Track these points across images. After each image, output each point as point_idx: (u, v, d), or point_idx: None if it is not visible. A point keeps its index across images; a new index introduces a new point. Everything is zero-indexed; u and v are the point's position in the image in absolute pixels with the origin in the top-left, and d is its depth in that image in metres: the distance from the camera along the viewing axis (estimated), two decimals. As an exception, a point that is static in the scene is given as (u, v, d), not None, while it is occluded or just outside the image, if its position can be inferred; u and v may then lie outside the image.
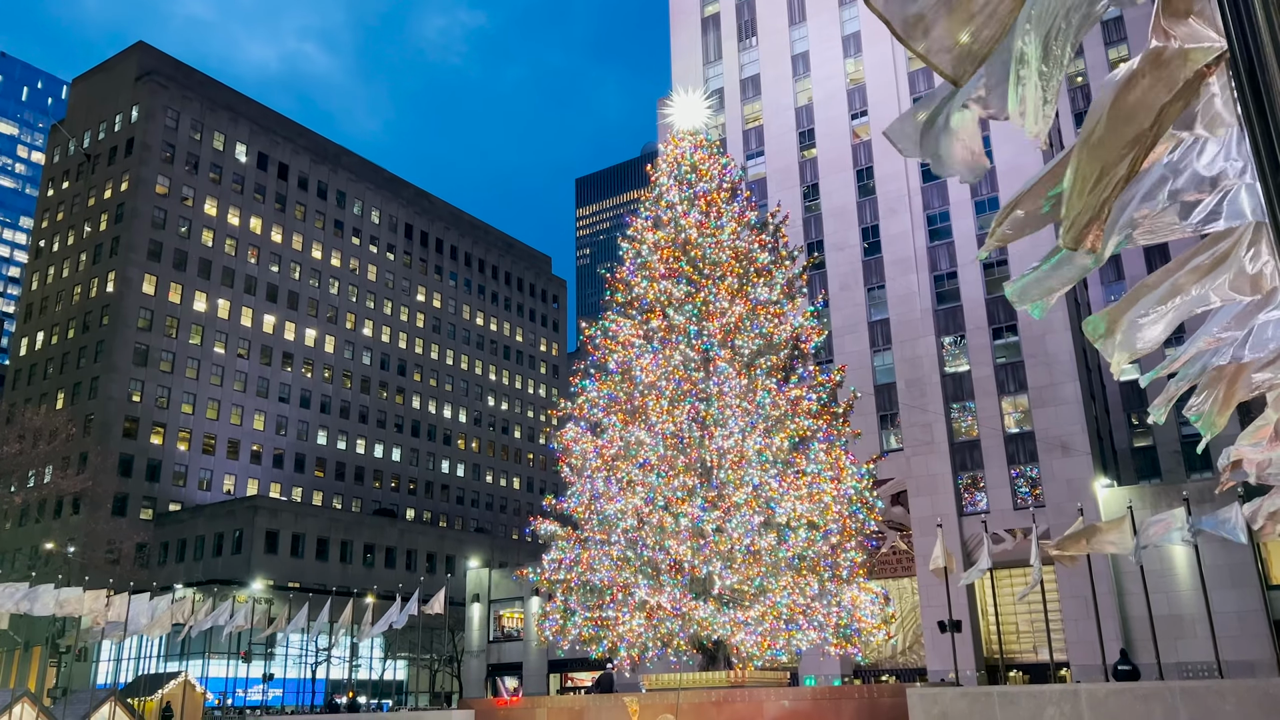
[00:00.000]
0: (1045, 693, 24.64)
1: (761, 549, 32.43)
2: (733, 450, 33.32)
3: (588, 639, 34.60)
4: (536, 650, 55.26)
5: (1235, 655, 31.65)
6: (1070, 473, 41.24)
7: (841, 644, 33.34)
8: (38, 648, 57.67)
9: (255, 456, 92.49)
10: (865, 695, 29.43)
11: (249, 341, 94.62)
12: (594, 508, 35.19)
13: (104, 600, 41.13)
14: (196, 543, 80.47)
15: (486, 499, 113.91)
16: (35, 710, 41.06)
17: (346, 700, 52.82)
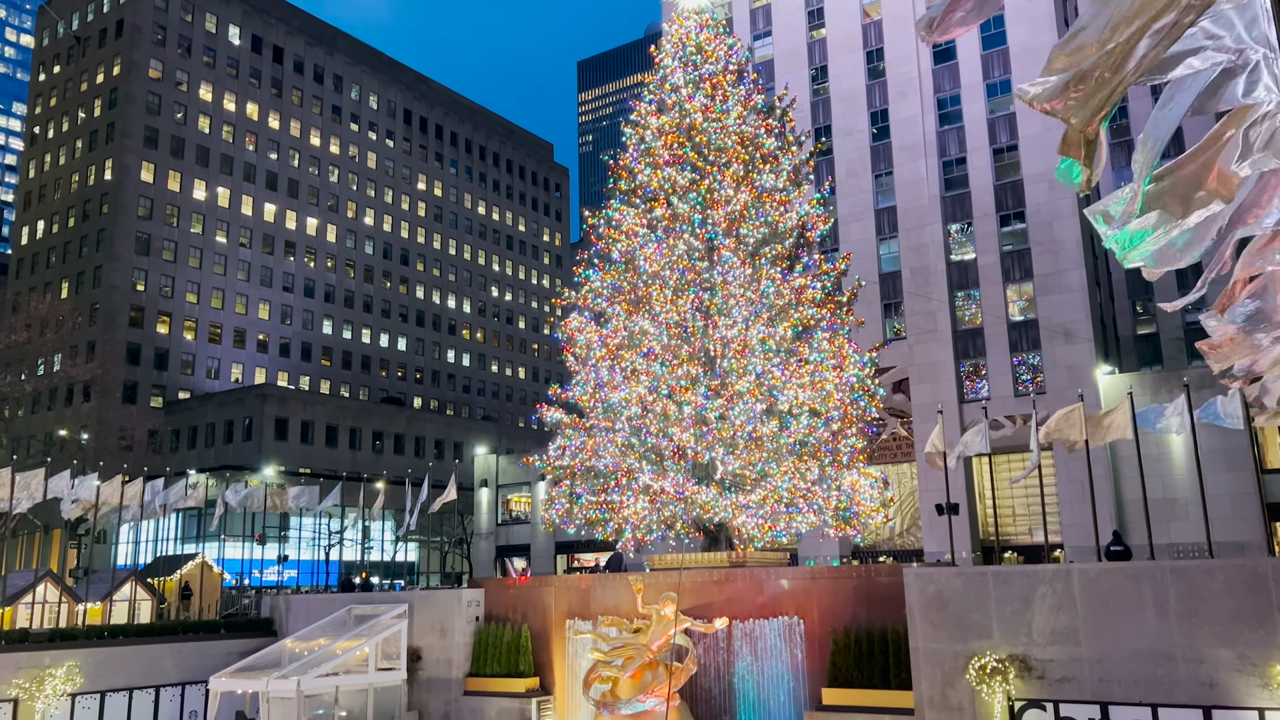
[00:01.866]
0: (1038, 572, 25.34)
1: (763, 435, 32.93)
2: (736, 339, 33.48)
3: (593, 522, 35.49)
4: (544, 533, 56.66)
5: (1226, 536, 32.42)
6: (1072, 360, 41.45)
7: (840, 526, 34.19)
8: (57, 530, 59.28)
9: (261, 346, 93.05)
10: (863, 575, 30.29)
11: (250, 230, 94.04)
12: (598, 396, 35.60)
13: (120, 486, 42.06)
14: (207, 430, 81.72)
15: (492, 388, 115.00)
16: (58, 589, 42.46)
17: (360, 581, 54.50)
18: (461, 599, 36.31)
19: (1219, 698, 22.34)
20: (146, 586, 44.97)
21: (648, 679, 29.24)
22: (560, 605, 34.82)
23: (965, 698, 25.32)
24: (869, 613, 28.56)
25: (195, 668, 36.68)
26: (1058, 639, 24.37)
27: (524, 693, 33.80)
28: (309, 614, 39.34)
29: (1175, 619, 23.11)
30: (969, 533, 40.77)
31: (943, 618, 26.05)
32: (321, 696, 32.70)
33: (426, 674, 35.75)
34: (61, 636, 35.52)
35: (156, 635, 38.09)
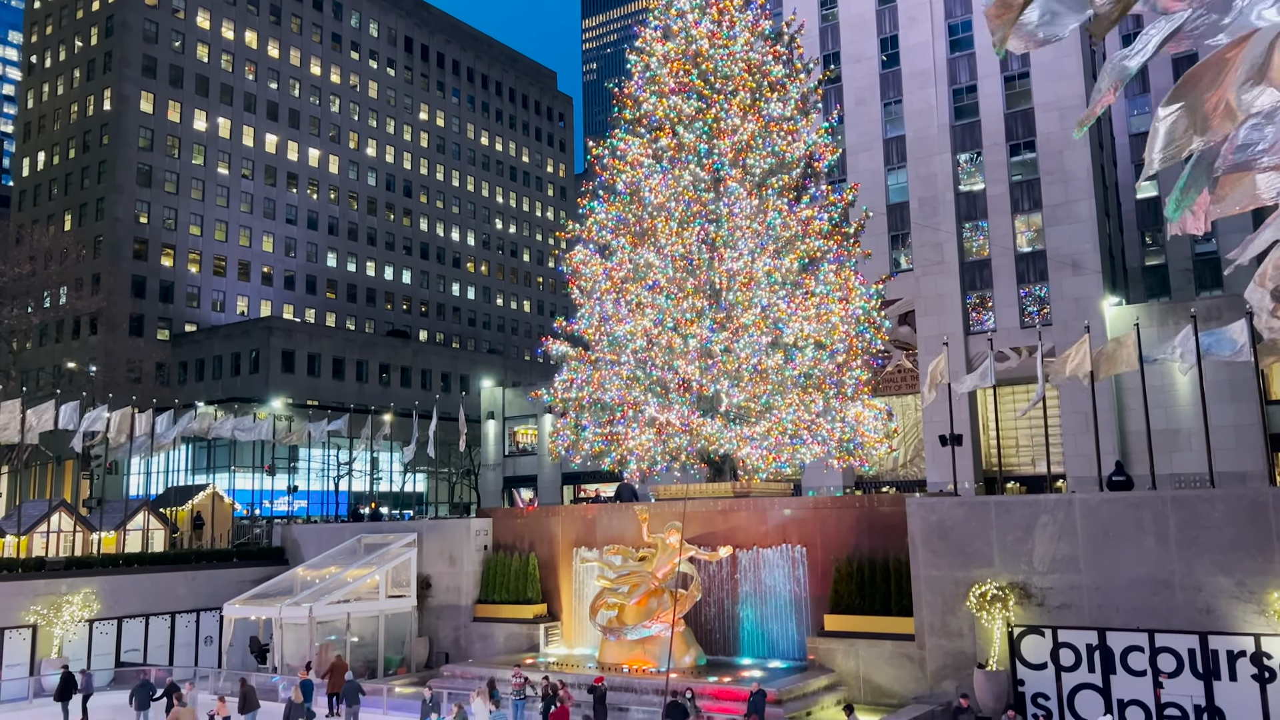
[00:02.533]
0: (1040, 502, 25.58)
1: (768, 368, 32.99)
2: (742, 272, 33.33)
3: (599, 453, 35.78)
4: (550, 464, 57.20)
5: (1229, 467, 32.64)
6: (1079, 291, 41.26)
7: (844, 457, 34.43)
8: (69, 461, 59.94)
9: (266, 278, 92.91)
10: (865, 504, 30.62)
11: (252, 162, 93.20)
12: (604, 329, 35.60)
13: (130, 418, 42.39)
14: (214, 362, 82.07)
15: (498, 321, 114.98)
16: (72, 519, 43.10)
17: (369, 511, 55.18)
18: (470, 528, 36.82)
19: (1215, 624, 22.71)
20: (159, 516, 45.63)
21: (653, 605, 29.79)
22: (567, 534, 35.31)
23: (965, 624, 25.77)
24: (871, 542, 28.93)
25: (209, 595, 37.40)
26: (1058, 567, 24.70)
27: (532, 619, 34.48)
28: (319, 543, 39.96)
29: (1175, 547, 23.38)
30: (972, 464, 41.05)
31: (944, 546, 26.38)
32: (334, 623, 33.39)
33: (436, 601, 36.42)
34: (77, 565, 36.16)
35: (170, 563, 38.77)
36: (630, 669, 28.88)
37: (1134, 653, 23.45)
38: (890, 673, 27.06)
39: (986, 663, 24.95)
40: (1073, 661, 24.21)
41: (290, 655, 31.93)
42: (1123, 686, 23.47)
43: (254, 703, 26.09)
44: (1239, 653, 22.32)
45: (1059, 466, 39.34)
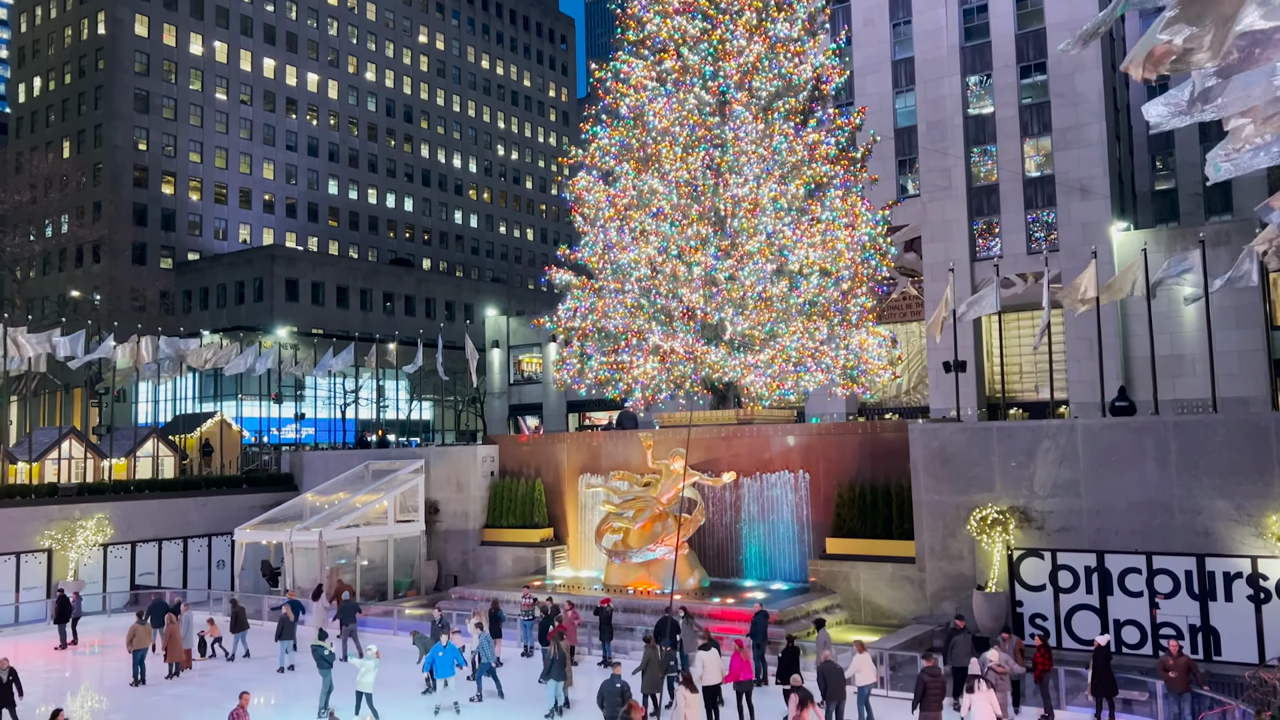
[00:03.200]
0: (1042, 427, 25.72)
1: (773, 295, 32.89)
2: (747, 198, 33.01)
3: (604, 381, 35.92)
4: (555, 392, 57.45)
5: (1232, 393, 32.71)
6: (1087, 216, 40.87)
7: (848, 385, 34.55)
8: (77, 389, 60.33)
9: (268, 206, 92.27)
10: (868, 431, 30.81)
11: (250, 87, 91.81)
12: (608, 257, 35.42)
13: (136, 345, 42.55)
14: (218, 291, 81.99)
15: (501, 249, 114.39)
16: (83, 446, 43.57)
17: (376, 438, 55.69)
18: (476, 455, 37.19)
19: (1213, 546, 23.02)
20: (168, 443, 46.10)
21: (657, 529, 30.23)
22: (572, 461, 35.66)
23: (965, 547, 26.14)
24: (873, 467, 29.20)
25: (220, 520, 38.00)
26: (1058, 491, 24.95)
27: (539, 542, 35.03)
28: (327, 470, 40.42)
29: (1175, 471, 23.58)
30: (975, 390, 41.18)
31: (946, 471, 26.62)
32: (343, 547, 33.94)
33: (444, 526, 36.97)
34: (90, 491, 36.68)
35: (181, 490, 39.31)
36: (635, 591, 29.43)
37: (1131, 574, 23.82)
38: (890, 594, 27.56)
39: (986, 584, 25.37)
40: (1071, 583, 24.61)
41: (301, 578, 32.54)
42: (1119, 607, 23.89)
43: (244, 623, 26.79)
44: (1235, 574, 22.66)
45: (1062, 393, 39.45)
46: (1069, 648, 23.99)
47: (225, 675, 25.08)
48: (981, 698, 16.48)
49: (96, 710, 23.32)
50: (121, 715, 22.55)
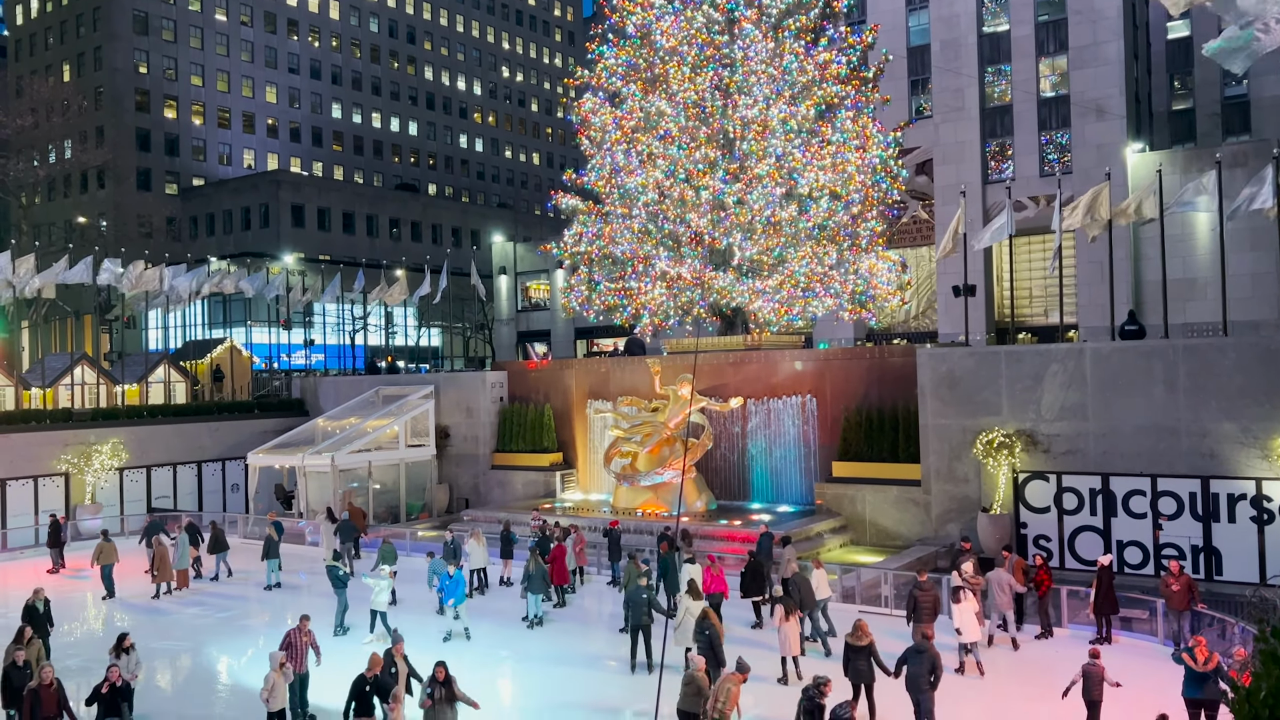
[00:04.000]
0: (1050, 351, 25.70)
1: (782, 220, 32.59)
2: (756, 120, 32.50)
3: (611, 307, 35.88)
4: (563, 319, 57.43)
5: (1244, 316, 32.52)
6: (1102, 137, 40.17)
7: (856, 310, 34.45)
8: (88, 316, 60.49)
9: (272, 130, 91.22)
10: (876, 356, 30.83)
11: (250, 8, 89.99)
12: (614, 182, 35.05)
13: (142, 269, 42.53)
14: (224, 217, 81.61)
15: (507, 174, 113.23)
16: (95, 371, 43.87)
17: (386, 364, 55.90)
18: (485, 381, 37.40)
19: (1218, 468, 23.16)
20: (179, 369, 46.38)
21: (665, 454, 30.52)
22: (581, 387, 35.84)
23: (971, 470, 26.35)
24: (881, 392, 29.29)
25: (232, 445, 38.45)
26: (1065, 415, 25.04)
27: (548, 466, 35.42)
28: (338, 395, 40.73)
29: (1183, 395, 23.60)
30: (984, 314, 41.02)
31: (953, 395, 26.70)
32: (355, 471, 34.39)
33: (455, 450, 37.36)
34: (104, 416, 37.06)
35: (194, 415, 39.69)
36: (643, 513, 29.83)
37: (1135, 496, 24.02)
38: (895, 516, 27.88)
39: (990, 507, 25.64)
40: (1075, 505, 24.85)
41: (315, 502, 33.05)
42: (1123, 528, 24.16)
43: (223, 544, 27.45)
44: (1239, 495, 22.84)
45: (1072, 317, 39.27)
46: (1071, 568, 24.33)
47: (219, 594, 25.79)
48: (966, 606, 17.02)
49: (90, 630, 23.87)
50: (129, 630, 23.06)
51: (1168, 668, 15.84)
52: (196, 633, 22.04)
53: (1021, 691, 16.31)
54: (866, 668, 14.67)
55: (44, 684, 13.65)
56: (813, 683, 12.70)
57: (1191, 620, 17.97)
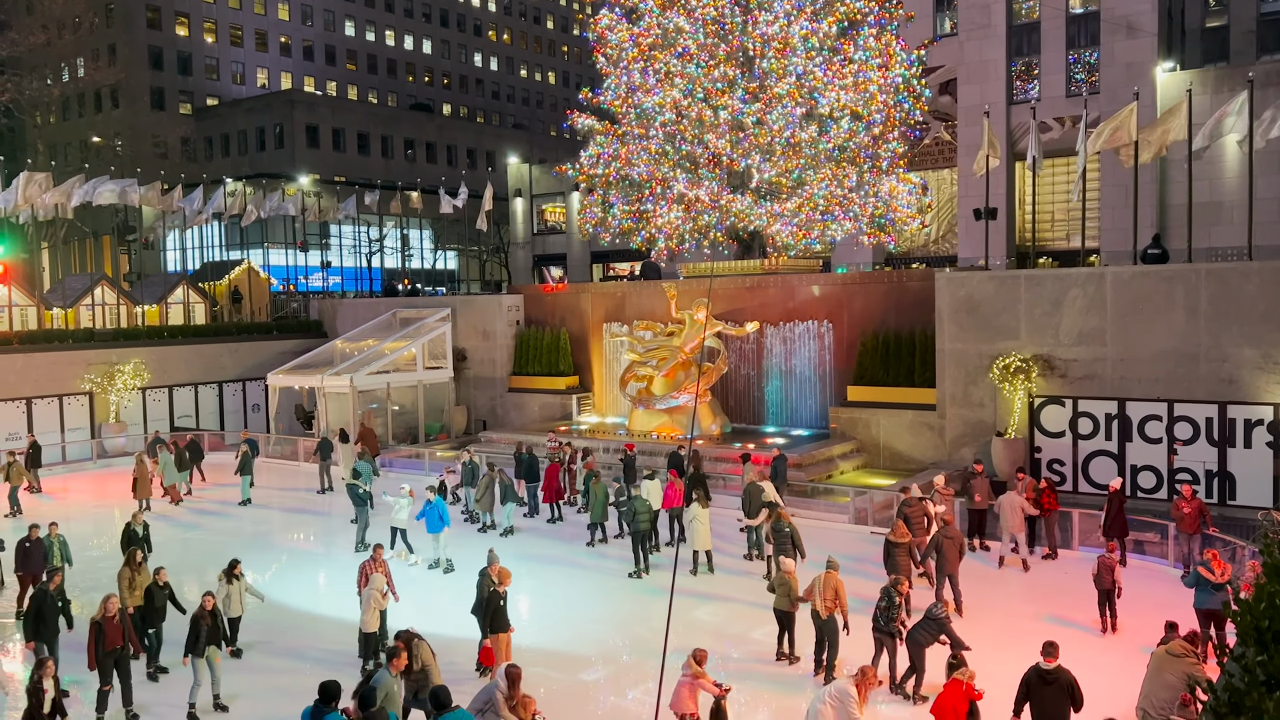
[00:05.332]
0: (1071, 275, 25.44)
1: (802, 141, 32.07)
2: (777, 37, 31.77)
3: (627, 231, 35.63)
4: (579, 242, 57.18)
5: (1269, 241, 31.96)
6: (1131, 56, 39.08)
7: (875, 234, 34.08)
8: (106, 237, 60.68)
9: (284, 49, 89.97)
10: (894, 280, 30.62)
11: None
12: (631, 101, 34.48)
13: (160, 189, 42.47)
14: (239, 137, 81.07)
15: (522, 94, 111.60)
16: (115, 292, 44.17)
17: (404, 287, 56.00)
18: (502, 304, 37.46)
19: (1237, 394, 23.07)
20: (198, 290, 46.63)
21: (681, 378, 30.63)
22: (597, 311, 35.84)
23: (987, 394, 26.36)
24: (898, 317, 29.17)
25: (252, 366, 38.83)
26: (1084, 340, 24.91)
27: (564, 390, 35.65)
28: (355, 317, 40.91)
29: (1204, 320, 23.41)
30: (1005, 238, 40.53)
31: (971, 320, 26.57)
32: (374, 392, 34.72)
33: (472, 373, 37.61)
34: (125, 336, 37.43)
35: (213, 336, 40.02)
36: (658, 436, 30.07)
37: (1151, 421, 24.01)
38: (909, 440, 28.01)
39: (1005, 431, 25.70)
40: (1090, 430, 24.87)
41: (335, 422, 33.45)
42: (1138, 453, 24.20)
43: (185, 464, 27.98)
44: (1256, 421, 22.78)
45: (1094, 241, 38.78)
46: (1084, 492, 24.47)
47: (205, 509, 26.43)
48: (1012, 496, 18.72)
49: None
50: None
51: (1178, 589, 16.04)
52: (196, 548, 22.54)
53: (1032, 610, 16.56)
54: (905, 562, 16.05)
55: (108, 616, 12.96)
56: (891, 582, 13.69)
57: (1202, 543, 18.11)
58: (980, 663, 12.31)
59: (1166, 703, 10.56)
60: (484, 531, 22.92)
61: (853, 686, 10.57)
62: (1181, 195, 32.86)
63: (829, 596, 13.56)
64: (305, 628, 16.77)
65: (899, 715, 12.82)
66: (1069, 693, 10.52)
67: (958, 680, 10.89)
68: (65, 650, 14.41)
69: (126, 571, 15.33)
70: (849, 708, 10.42)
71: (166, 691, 14.05)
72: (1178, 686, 10.38)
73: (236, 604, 15.25)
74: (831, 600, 13.55)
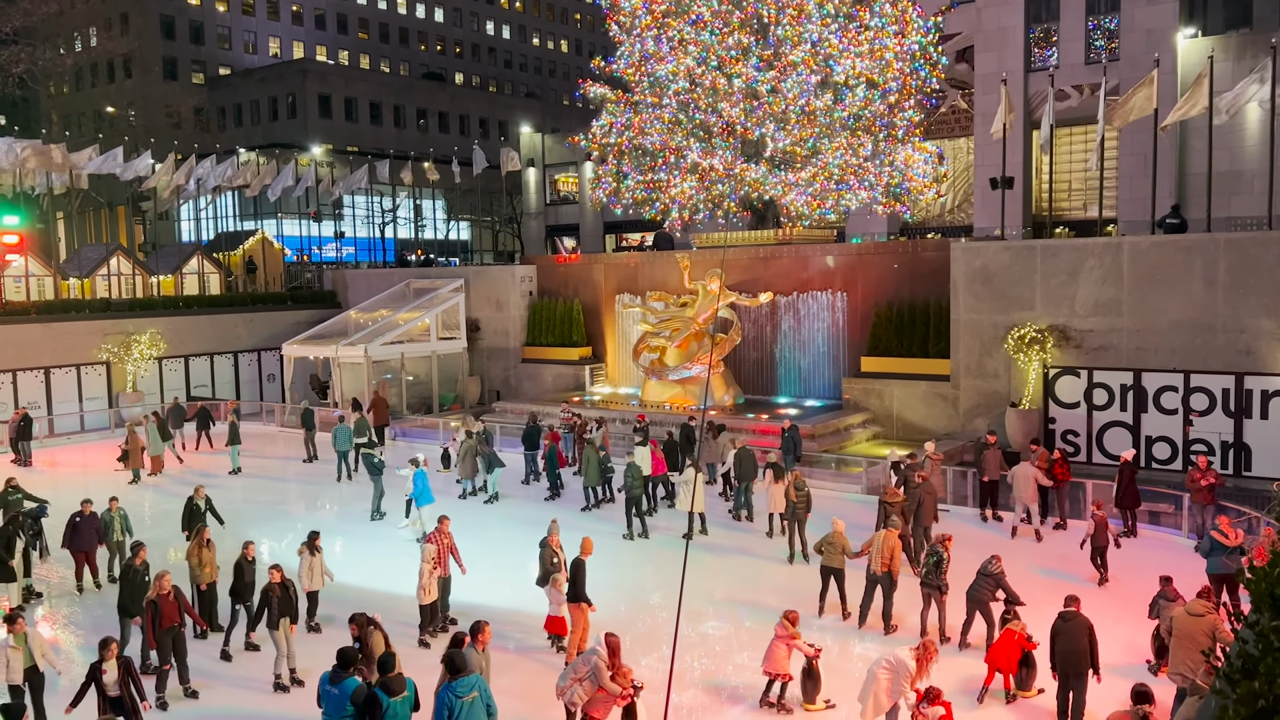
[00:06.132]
0: (1087, 245, 25.25)
1: (817, 109, 31.82)
2: (792, 4, 31.44)
3: (640, 201, 35.49)
4: (592, 212, 56.96)
5: (1288, 212, 31.58)
6: (1152, 22, 38.48)
7: (890, 203, 33.86)
8: (121, 207, 60.83)
9: (296, 17, 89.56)
10: (909, 250, 30.45)
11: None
12: (645, 69, 34.23)
13: (174, 161, 42.50)
14: (252, 107, 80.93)
15: (535, 63, 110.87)
16: (130, 262, 44.36)
17: (418, 257, 56.09)
18: (515, 275, 37.45)
19: (1254, 365, 22.93)
20: (213, 260, 46.77)
21: (694, 348, 30.62)
22: (610, 282, 35.80)
23: (1001, 365, 26.27)
24: (912, 287, 29.03)
25: (267, 336, 39.02)
26: (1100, 310, 24.76)
27: (577, 360, 35.70)
28: (369, 288, 40.99)
29: (1222, 291, 23.22)
30: (1022, 208, 40.17)
31: (986, 290, 26.44)
32: (388, 362, 34.85)
33: (485, 343, 37.69)
34: (141, 306, 37.64)
35: (228, 306, 40.20)
36: (671, 406, 30.11)
37: (1167, 392, 23.90)
38: (923, 411, 27.97)
39: (1019, 402, 25.63)
40: (1105, 400, 24.78)
41: (350, 392, 33.62)
42: (1153, 424, 24.11)
43: (167, 434, 28.17)
44: (1274, 392, 22.65)
45: (1112, 211, 38.41)
46: (1098, 463, 24.42)
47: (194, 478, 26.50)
48: (1025, 466, 18.94)
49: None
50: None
51: (1192, 560, 16.04)
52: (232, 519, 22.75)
53: (1042, 580, 16.58)
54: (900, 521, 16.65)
55: (163, 594, 12.60)
56: (938, 539, 14.43)
57: (1215, 515, 18.06)
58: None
59: (1200, 662, 10.67)
60: (464, 499, 23.13)
61: (913, 660, 10.78)
62: (1201, 164, 32.48)
63: (886, 555, 14.35)
64: (334, 597, 16.17)
65: (953, 664, 13.02)
66: (1086, 632, 11.46)
67: (1011, 630, 11.90)
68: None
69: (195, 548, 14.81)
70: (904, 680, 10.62)
71: (237, 667, 13.77)
72: (1206, 645, 10.50)
73: (318, 577, 14.72)
74: (889, 558, 14.32)
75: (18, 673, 11.37)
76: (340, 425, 26.37)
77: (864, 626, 14.61)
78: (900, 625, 14.57)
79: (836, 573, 15.07)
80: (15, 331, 33.00)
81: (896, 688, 10.58)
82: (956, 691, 11.90)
